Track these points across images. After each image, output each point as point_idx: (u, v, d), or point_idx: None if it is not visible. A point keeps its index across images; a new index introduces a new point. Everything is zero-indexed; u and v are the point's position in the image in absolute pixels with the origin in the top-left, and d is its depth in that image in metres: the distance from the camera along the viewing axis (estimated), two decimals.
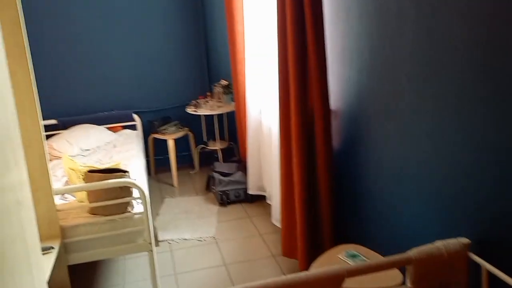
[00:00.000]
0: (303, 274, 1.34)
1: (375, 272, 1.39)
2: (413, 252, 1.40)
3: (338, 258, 1.87)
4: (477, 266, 1.39)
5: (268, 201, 3.32)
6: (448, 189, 1.52)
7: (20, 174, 1.52)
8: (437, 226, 1.61)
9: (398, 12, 1.65)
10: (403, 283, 1.64)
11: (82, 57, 3.99)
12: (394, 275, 1.71)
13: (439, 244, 1.41)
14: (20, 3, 1.82)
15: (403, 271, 1.62)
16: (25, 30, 1.85)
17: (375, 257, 1.86)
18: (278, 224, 2.86)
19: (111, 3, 3.97)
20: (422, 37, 1.54)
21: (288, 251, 2.51)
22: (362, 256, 1.86)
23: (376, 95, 1.89)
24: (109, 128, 3.90)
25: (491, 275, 1.34)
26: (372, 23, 1.84)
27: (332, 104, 2.22)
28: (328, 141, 2.18)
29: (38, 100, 1.96)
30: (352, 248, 1.94)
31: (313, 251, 2.28)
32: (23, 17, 1.85)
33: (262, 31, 2.95)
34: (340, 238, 2.28)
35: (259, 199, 3.47)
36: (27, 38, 1.86)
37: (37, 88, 1.95)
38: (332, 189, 2.24)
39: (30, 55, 1.90)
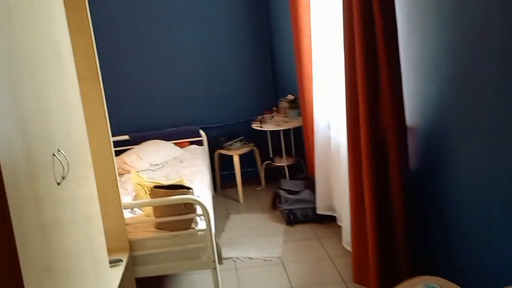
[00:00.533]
0: None
1: None
2: None
3: None
4: None
5: (338, 223, 3.21)
6: None
7: (89, 190, 1.64)
8: None
9: (483, 20, 1.52)
10: None
11: (151, 75, 4.25)
12: None
13: None
14: (92, 28, 2.01)
15: None
16: (97, 53, 2.02)
17: None
18: (350, 248, 2.75)
19: (177, 20, 4.20)
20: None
21: (359, 278, 2.40)
22: None
23: (458, 111, 1.75)
24: (176, 144, 4.09)
25: None
26: (451, 33, 1.72)
27: (408, 121, 2.10)
28: (403, 161, 2.05)
29: (108, 118, 2.12)
30: (432, 280, 1.79)
31: (387, 280, 2.16)
32: (94, 42, 2.03)
33: (329, 44, 2.91)
34: (418, 268, 2.12)
35: (329, 220, 3.37)
36: (98, 61, 2.03)
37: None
38: (408, 213, 2.10)
39: (101, 77, 2.07)
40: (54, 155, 1.26)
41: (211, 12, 4.23)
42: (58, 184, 1.28)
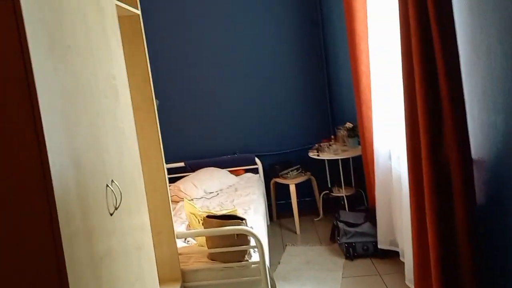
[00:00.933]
0: None
1: None
2: None
3: None
4: None
5: (401, 258, 3.04)
6: None
7: (141, 219, 1.70)
8: None
9: None
10: None
11: (207, 102, 4.40)
12: None
13: None
14: (148, 61, 2.12)
15: None
16: (152, 85, 2.14)
17: None
18: (413, 287, 2.58)
19: (232, 48, 4.33)
20: None
21: None
22: None
23: None
24: (231, 171, 4.15)
25: None
26: None
27: (474, 153, 1.98)
28: (469, 196, 1.92)
29: (162, 147, 2.21)
30: None
31: None
32: (150, 73, 2.14)
33: (388, 70, 2.85)
34: None
35: (391, 255, 3.21)
36: (154, 88, 2.14)
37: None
38: (475, 251, 1.94)
39: (156, 107, 2.18)
40: (107, 186, 1.33)
41: (266, 39, 4.33)
42: (111, 214, 1.34)
